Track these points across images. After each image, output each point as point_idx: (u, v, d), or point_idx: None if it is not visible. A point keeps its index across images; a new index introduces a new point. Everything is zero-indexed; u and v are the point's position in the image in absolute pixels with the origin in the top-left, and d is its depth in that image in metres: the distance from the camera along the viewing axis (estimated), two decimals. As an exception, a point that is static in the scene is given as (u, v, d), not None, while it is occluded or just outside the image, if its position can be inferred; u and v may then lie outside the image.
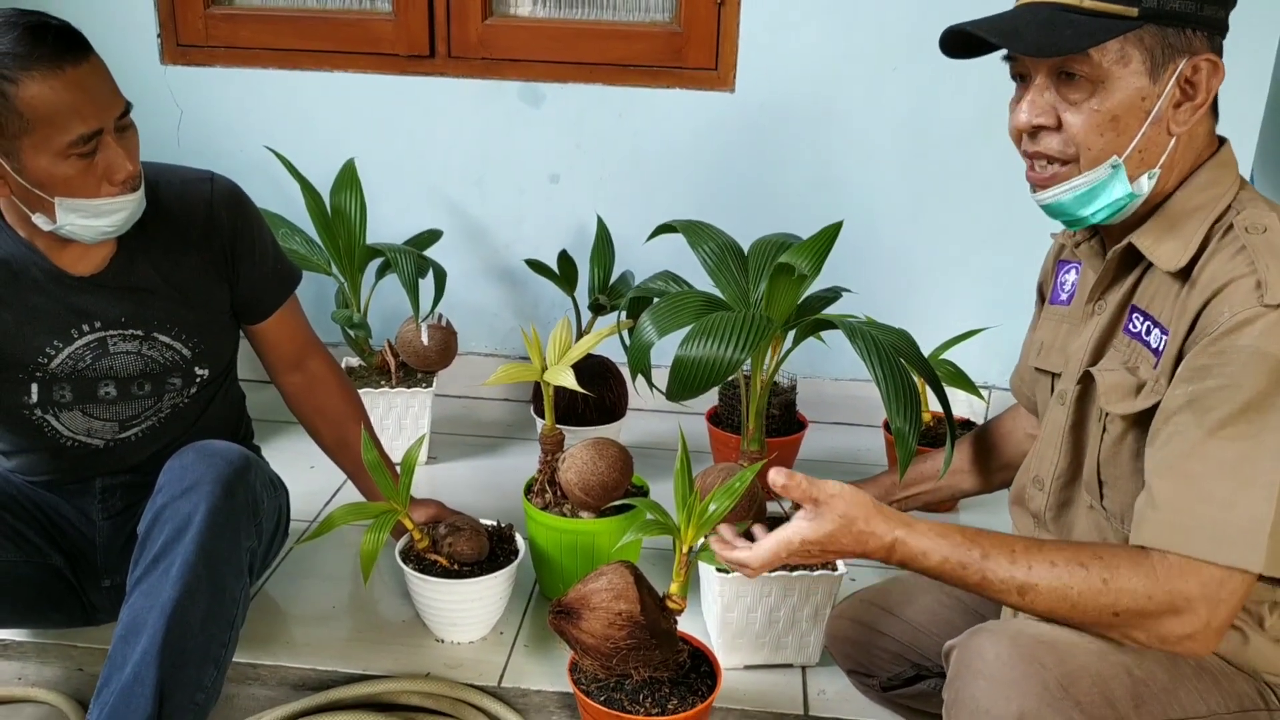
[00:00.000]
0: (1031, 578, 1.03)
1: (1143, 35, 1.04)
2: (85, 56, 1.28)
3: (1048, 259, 1.40)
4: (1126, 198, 1.09)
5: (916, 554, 1.06)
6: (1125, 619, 1.01)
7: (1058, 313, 1.31)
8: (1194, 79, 1.06)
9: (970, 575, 1.05)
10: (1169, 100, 1.06)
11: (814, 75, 2.30)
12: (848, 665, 1.52)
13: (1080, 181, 1.09)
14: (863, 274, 2.26)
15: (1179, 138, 1.09)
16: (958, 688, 1.05)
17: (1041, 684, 0.99)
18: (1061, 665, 1.01)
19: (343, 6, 2.42)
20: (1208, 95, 1.06)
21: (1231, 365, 0.99)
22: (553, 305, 2.52)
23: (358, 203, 2.20)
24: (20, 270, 1.41)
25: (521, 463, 2.22)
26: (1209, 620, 0.99)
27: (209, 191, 1.52)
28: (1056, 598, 1.02)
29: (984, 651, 1.03)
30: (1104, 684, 1.01)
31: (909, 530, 1.07)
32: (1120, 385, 1.12)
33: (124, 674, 1.26)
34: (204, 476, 1.35)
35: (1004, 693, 1.00)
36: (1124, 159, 1.07)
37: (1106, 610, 1.01)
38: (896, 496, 1.59)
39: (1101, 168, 1.08)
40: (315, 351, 1.72)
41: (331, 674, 1.60)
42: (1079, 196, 1.10)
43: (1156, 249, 1.10)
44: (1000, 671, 1.01)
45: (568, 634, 1.35)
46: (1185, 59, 1.05)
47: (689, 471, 1.39)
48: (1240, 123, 2.19)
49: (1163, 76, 1.05)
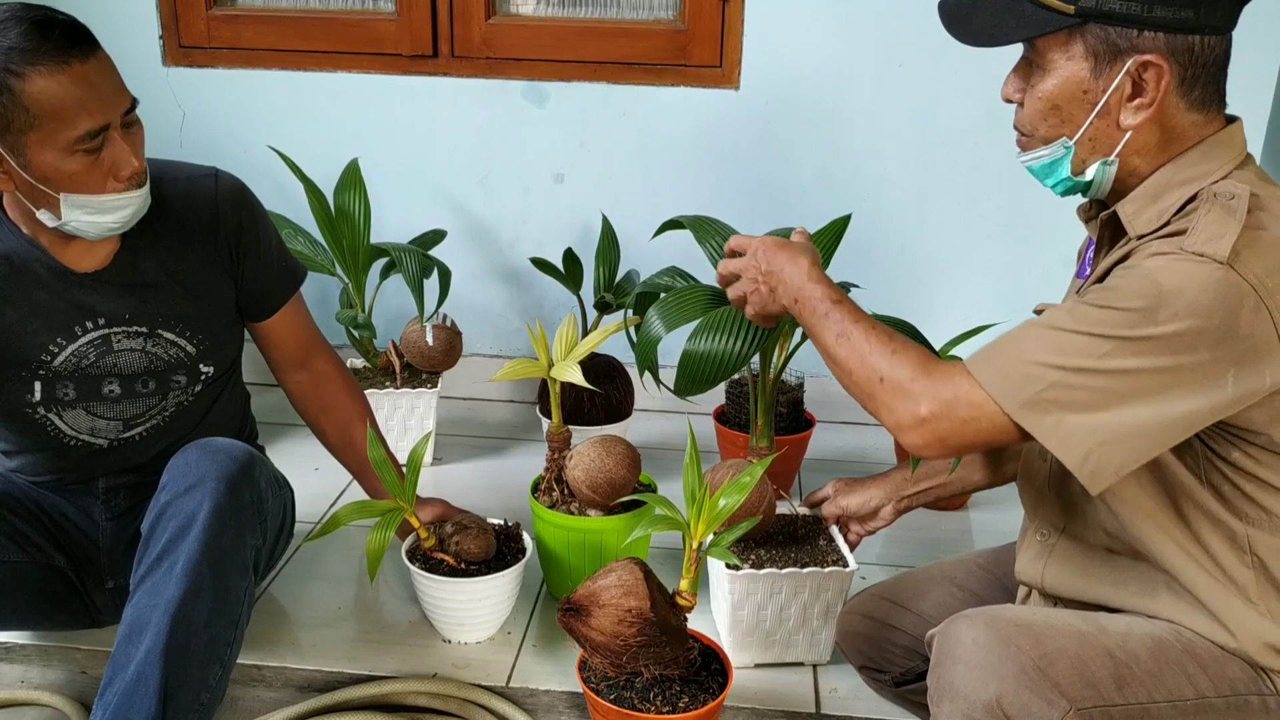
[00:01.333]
0: (853, 330, 1.15)
1: (1086, 32, 1.07)
2: (92, 52, 1.27)
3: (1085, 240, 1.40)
4: (1068, 181, 1.14)
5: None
6: (884, 389, 1.09)
7: (1077, 285, 1.31)
8: (1143, 78, 1.06)
9: (818, 310, 1.19)
10: (1119, 95, 1.07)
11: (819, 72, 2.29)
12: (860, 661, 1.50)
13: (1040, 153, 1.14)
14: (869, 270, 2.25)
15: (1142, 130, 1.08)
16: (939, 674, 1.07)
17: (1018, 666, 1.01)
18: (1038, 648, 1.03)
19: (345, 7, 2.42)
20: (1157, 94, 1.06)
21: (1124, 279, 1.03)
22: (558, 305, 2.51)
23: (362, 203, 2.19)
24: (23, 266, 1.40)
25: (527, 463, 2.20)
26: (933, 421, 1.05)
27: (214, 187, 1.51)
28: (855, 349, 1.13)
29: (962, 637, 1.06)
30: (1083, 665, 1.03)
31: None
32: None
33: (127, 673, 1.25)
34: (208, 474, 1.34)
35: (981, 676, 1.02)
36: (1074, 143, 1.11)
37: (876, 374, 1.10)
38: (908, 492, 1.58)
39: (1054, 145, 1.12)
40: (320, 350, 1.71)
41: (338, 675, 1.58)
42: (1041, 167, 1.15)
43: (1135, 219, 1.11)
44: (977, 656, 1.03)
45: (577, 632, 1.33)
46: (1132, 58, 1.05)
47: (699, 466, 1.38)
48: (1248, 113, 2.17)
49: (1108, 72, 1.07)
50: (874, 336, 1.13)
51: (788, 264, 1.26)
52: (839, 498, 1.62)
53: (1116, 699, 1.03)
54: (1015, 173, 2.25)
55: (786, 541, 1.62)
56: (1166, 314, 0.98)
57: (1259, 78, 2.16)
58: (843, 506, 1.61)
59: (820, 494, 1.66)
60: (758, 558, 1.57)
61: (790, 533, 1.64)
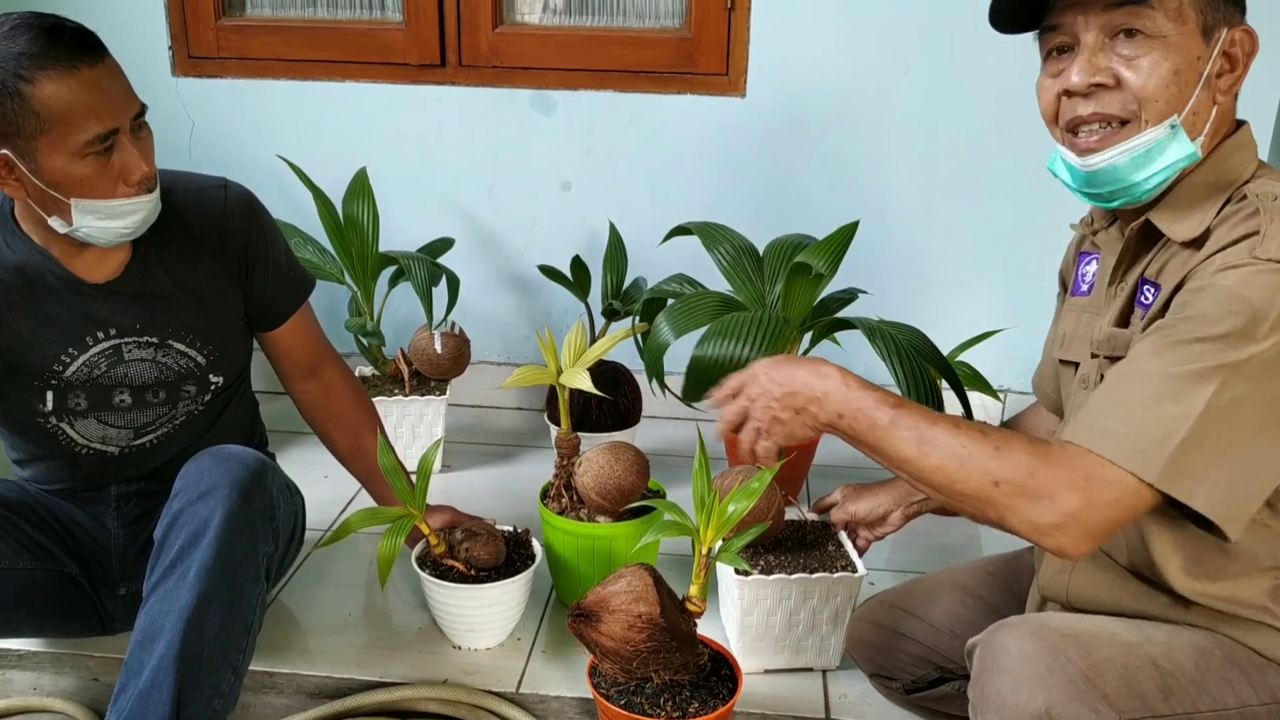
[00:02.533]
0: (933, 433, 1.03)
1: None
2: (101, 57, 1.28)
3: (1069, 250, 1.39)
4: (1186, 159, 1.07)
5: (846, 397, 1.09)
6: (1004, 493, 0.98)
7: (1078, 304, 1.30)
8: (1232, 50, 1.07)
9: (879, 422, 1.06)
10: (1214, 67, 1.07)
11: (825, 78, 2.29)
12: (870, 668, 1.50)
13: (1139, 141, 1.06)
14: (877, 276, 2.25)
15: (1223, 108, 1.08)
16: (983, 684, 1.03)
17: (1067, 677, 0.98)
18: (1086, 658, 1.00)
19: (353, 17, 2.43)
20: (1245, 66, 1.07)
21: (1205, 301, 0.98)
22: (565, 312, 2.51)
23: (370, 211, 2.20)
24: (35, 277, 1.41)
25: (536, 470, 2.21)
26: (1080, 515, 0.96)
27: (223, 198, 1.52)
28: (949, 454, 1.01)
29: (1008, 646, 1.02)
30: (1130, 676, 1.00)
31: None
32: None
33: (141, 679, 1.25)
34: (220, 481, 1.35)
35: (1029, 687, 0.99)
36: (1181, 119, 1.06)
37: (988, 478, 0.99)
38: (916, 497, 1.58)
39: (1161, 126, 1.06)
40: (329, 359, 1.71)
41: (348, 681, 1.58)
42: (1135, 158, 1.07)
43: (1174, 225, 1.09)
44: (1025, 666, 1.00)
45: (587, 637, 1.34)
46: (1225, 29, 1.06)
47: (708, 472, 1.38)
48: (1255, 116, 2.17)
49: (1210, 41, 1.06)
50: (964, 435, 1.02)
51: (811, 377, 1.12)
52: (847, 503, 1.62)
53: (1163, 709, 1.00)
54: (1023, 177, 2.26)
55: (795, 547, 1.62)
56: (1265, 329, 0.95)
57: (1265, 82, 2.16)
58: (851, 512, 1.61)
59: (828, 500, 1.66)
60: (767, 563, 1.57)
61: (799, 538, 1.64)
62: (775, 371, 1.15)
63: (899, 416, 1.05)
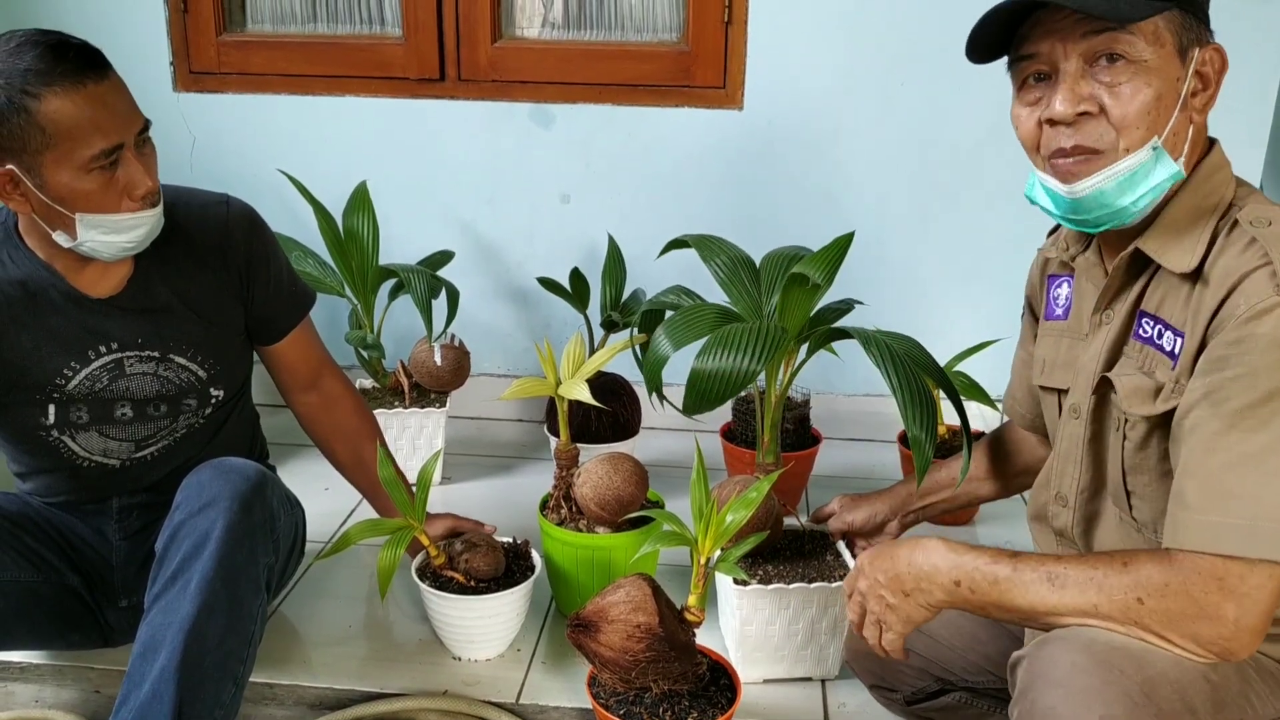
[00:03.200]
0: (1059, 568, 1.03)
1: (1170, 19, 1.05)
2: (105, 73, 1.30)
3: (1033, 274, 1.38)
4: (1171, 178, 1.07)
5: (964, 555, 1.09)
6: (1149, 611, 0.98)
7: (1056, 328, 1.29)
8: (1204, 69, 1.07)
9: (1000, 575, 1.06)
10: (1189, 88, 1.07)
11: (822, 91, 2.31)
12: (870, 680, 1.50)
13: (1124, 165, 1.06)
14: (873, 288, 2.26)
15: (1195, 127, 1.09)
16: (1032, 699, 1.00)
17: (1123, 691, 0.96)
18: (1141, 672, 0.97)
19: (353, 31, 2.45)
20: (1217, 84, 1.07)
21: (1249, 354, 0.98)
22: (565, 324, 2.52)
23: (370, 224, 2.21)
24: (38, 291, 1.42)
25: (536, 482, 2.21)
26: (1239, 618, 0.96)
27: (225, 214, 1.53)
28: (1083, 587, 1.01)
29: (1059, 660, 0.99)
30: (1183, 690, 0.98)
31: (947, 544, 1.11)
32: (1140, 389, 1.11)
33: (142, 691, 1.26)
34: (221, 493, 1.35)
35: (1084, 700, 0.96)
36: (1162, 141, 1.06)
37: (1131, 595, 0.99)
38: (914, 506, 1.59)
39: (1144, 150, 1.06)
40: (329, 371, 1.72)
41: (349, 693, 1.59)
42: (1121, 183, 1.07)
43: (1165, 253, 1.09)
44: (1078, 680, 0.97)
45: (586, 647, 1.34)
46: (1198, 49, 1.07)
47: (706, 482, 1.39)
48: (1248, 130, 2.19)
49: (1186, 61, 1.06)
50: (1087, 565, 1.02)
51: (913, 554, 1.12)
52: (845, 513, 1.63)
53: None
54: (1020, 187, 2.26)
55: (794, 557, 1.62)
56: None
57: (1258, 92, 2.18)
58: (849, 522, 1.62)
59: (826, 510, 1.67)
60: (765, 573, 1.57)
61: (797, 548, 1.65)
62: (878, 560, 1.16)
63: (1019, 565, 1.05)
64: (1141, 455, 1.13)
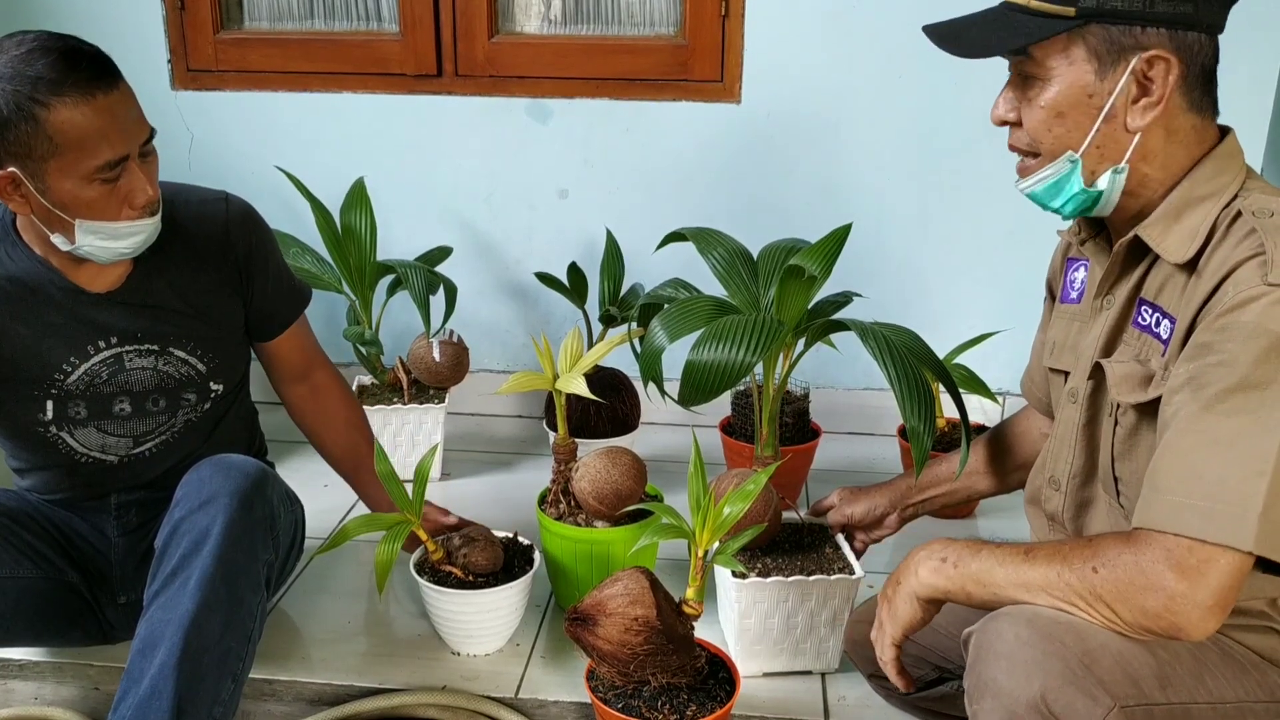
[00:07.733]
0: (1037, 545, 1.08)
1: (1087, 34, 1.06)
2: (115, 84, 1.29)
3: (1055, 256, 1.39)
4: (1082, 193, 1.12)
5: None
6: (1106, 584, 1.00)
7: (1069, 311, 1.30)
8: (1149, 75, 1.06)
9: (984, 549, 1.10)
10: (1124, 97, 1.07)
11: (819, 84, 2.30)
12: (868, 669, 1.51)
13: (1045, 174, 1.13)
14: (872, 281, 2.26)
15: (1149, 133, 1.08)
16: (979, 671, 1.04)
17: (1063, 661, 0.98)
18: (1082, 644, 1.00)
19: (350, 28, 2.45)
20: (1164, 91, 1.06)
21: (1231, 341, 0.98)
22: (563, 320, 2.52)
23: (368, 221, 2.21)
24: (37, 287, 1.42)
25: (535, 477, 2.21)
26: (1187, 593, 0.96)
27: (224, 211, 1.53)
28: (1052, 551, 1.05)
29: (1003, 633, 1.03)
30: (1126, 662, 1.00)
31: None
32: (1131, 376, 1.11)
33: (141, 687, 1.26)
34: (221, 490, 1.36)
35: (1025, 672, 0.99)
36: (1080, 154, 1.10)
37: (1088, 566, 1.01)
38: (913, 500, 1.59)
39: (1060, 161, 1.12)
40: (320, 363, 1.74)
41: (348, 688, 1.59)
42: (1048, 188, 1.14)
43: (1163, 241, 1.09)
44: (1020, 651, 1.00)
45: (584, 641, 1.34)
46: (1137, 56, 1.05)
47: (703, 475, 1.39)
48: (1249, 120, 2.18)
49: (1112, 74, 1.06)
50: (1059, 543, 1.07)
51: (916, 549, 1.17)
52: (844, 506, 1.63)
53: (1159, 698, 1.00)
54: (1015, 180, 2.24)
55: (793, 550, 1.62)
56: None
57: (1258, 85, 2.17)
58: (848, 515, 1.62)
59: (825, 503, 1.67)
60: (764, 566, 1.57)
61: (796, 541, 1.65)
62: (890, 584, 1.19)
63: (1002, 546, 1.09)
64: (1131, 443, 1.14)
